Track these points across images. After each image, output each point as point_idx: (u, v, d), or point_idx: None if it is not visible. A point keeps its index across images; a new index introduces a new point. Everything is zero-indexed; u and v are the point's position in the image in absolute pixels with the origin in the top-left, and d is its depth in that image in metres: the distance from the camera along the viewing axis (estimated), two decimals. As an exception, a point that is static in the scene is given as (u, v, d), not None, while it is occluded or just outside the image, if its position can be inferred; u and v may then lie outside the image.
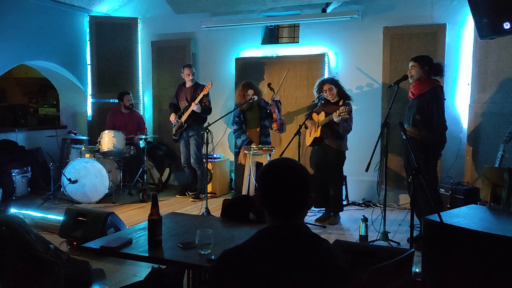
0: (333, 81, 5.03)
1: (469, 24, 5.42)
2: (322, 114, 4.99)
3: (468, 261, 2.66)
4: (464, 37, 5.53)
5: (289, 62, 6.36)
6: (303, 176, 1.48)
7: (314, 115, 5.11)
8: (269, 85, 5.76)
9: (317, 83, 5.17)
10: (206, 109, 6.07)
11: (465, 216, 3.07)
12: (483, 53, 5.22)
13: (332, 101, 5.02)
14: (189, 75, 6.14)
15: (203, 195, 5.68)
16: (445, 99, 4.44)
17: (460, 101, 5.57)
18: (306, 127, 5.15)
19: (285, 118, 6.26)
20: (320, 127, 4.95)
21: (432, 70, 4.39)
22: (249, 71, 6.47)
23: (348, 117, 4.65)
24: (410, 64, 4.42)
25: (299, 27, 6.54)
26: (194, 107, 5.87)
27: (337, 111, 4.62)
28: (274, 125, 5.50)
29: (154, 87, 7.29)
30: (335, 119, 4.71)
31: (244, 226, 2.70)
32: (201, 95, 5.87)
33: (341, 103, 4.94)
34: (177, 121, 6.19)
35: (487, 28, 3.09)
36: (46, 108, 9.43)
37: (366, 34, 6.00)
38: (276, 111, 5.51)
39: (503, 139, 4.61)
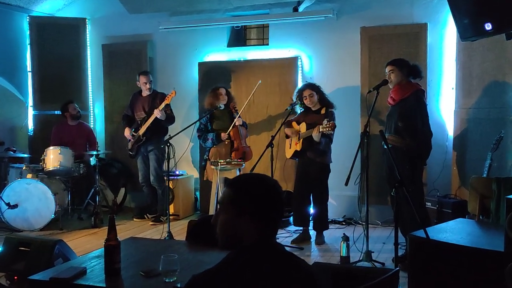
0: (314, 87, 5.15)
1: (451, 23, 5.65)
2: (303, 125, 5.10)
3: (456, 278, 2.79)
4: (447, 37, 5.78)
5: (258, 67, 6.47)
6: (274, 190, 1.56)
7: (294, 124, 5.21)
8: (233, 106, 5.81)
9: (296, 90, 5.28)
10: (170, 117, 6.09)
11: (452, 231, 3.21)
12: (467, 54, 5.47)
13: (313, 109, 5.14)
14: (146, 83, 6.14)
15: (165, 218, 5.67)
16: (426, 104, 4.64)
17: (445, 107, 5.80)
18: (286, 137, 5.25)
19: (256, 129, 6.35)
20: (301, 140, 5.06)
21: (411, 72, 4.58)
22: (214, 77, 6.53)
23: (332, 133, 4.78)
24: (387, 69, 4.58)
25: (268, 28, 6.67)
26: (158, 114, 5.86)
27: (319, 127, 4.74)
28: (234, 155, 5.55)
29: (106, 97, 7.25)
30: (315, 138, 4.82)
31: (213, 249, 2.73)
32: (163, 104, 5.88)
33: (323, 111, 5.07)
34: (132, 135, 6.17)
35: (468, 29, 3.27)
36: (-22, 123, 9.19)
37: (342, 35, 6.19)
38: (240, 136, 5.57)
39: (490, 147, 4.82)
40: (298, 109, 5.32)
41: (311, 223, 5.31)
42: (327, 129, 4.68)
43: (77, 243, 5.17)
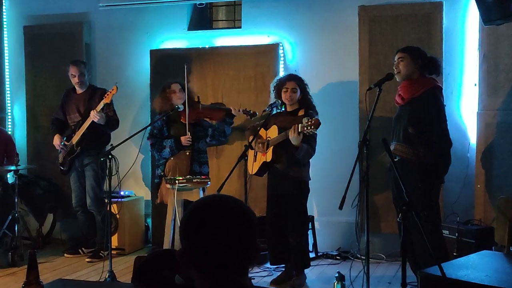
0: (301, 82, 5.15)
1: (473, 3, 5.74)
2: (274, 128, 5.09)
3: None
4: (467, 20, 5.86)
5: (228, 56, 6.49)
6: (245, 217, 1.57)
7: (262, 132, 5.20)
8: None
9: (277, 78, 5.28)
10: (113, 121, 6.05)
11: (475, 267, 3.24)
12: (492, 42, 5.56)
13: (288, 109, 5.15)
14: (74, 76, 6.10)
15: (106, 253, 5.60)
16: (444, 105, 4.69)
17: (465, 108, 5.88)
18: (251, 148, 5.23)
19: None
20: (271, 148, 5.04)
21: (427, 65, 4.63)
22: (171, 69, 6.49)
23: (315, 132, 4.76)
24: (397, 56, 4.64)
25: (241, 6, 6.68)
26: (95, 116, 5.80)
27: (296, 126, 4.70)
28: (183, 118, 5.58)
29: (29, 94, 7.18)
30: (295, 142, 4.76)
31: (167, 294, 2.71)
32: (101, 104, 5.83)
33: (301, 112, 5.06)
34: (64, 145, 6.10)
35: (492, 11, 3.34)
36: None
37: (335, 16, 6.23)
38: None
39: (523, 159, 4.91)
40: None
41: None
42: (309, 127, 4.62)
43: (-11, 287, 5.10)
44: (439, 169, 4.56)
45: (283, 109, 5.22)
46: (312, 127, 4.61)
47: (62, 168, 6.23)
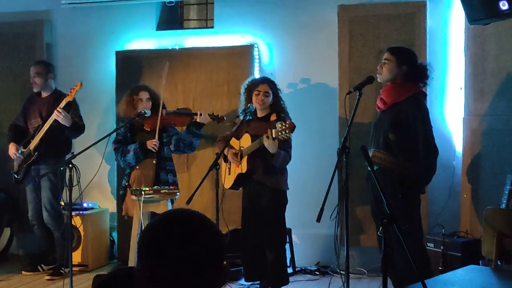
0: (274, 86, 5.15)
1: (458, 1, 5.78)
2: (246, 137, 5.05)
3: None
4: (452, 20, 5.92)
5: (199, 58, 6.48)
6: (212, 237, 1.56)
7: (234, 141, 5.15)
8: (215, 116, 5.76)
9: (249, 80, 5.26)
10: (78, 126, 5.99)
11: (461, 283, 3.22)
12: (479, 43, 5.60)
13: (259, 115, 5.12)
14: (34, 77, 6.06)
15: (67, 270, 5.52)
16: (428, 111, 4.69)
17: (451, 113, 5.91)
18: (225, 160, 5.19)
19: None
20: (245, 158, 4.99)
21: (412, 73, 4.62)
22: (139, 71, 6.50)
23: (290, 137, 4.73)
24: (385, 56, 4.64)
25: (213, 4, 6.68)
26: (59, 115, 5.70)
27: (270, 132, 4.66)
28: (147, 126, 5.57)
29: (-16, 98, 7.07)
30: (271, 149, 4.69)
31: (128, 317, 2.64)
32: (63, 102, 5.75)
33: (273, 117, 5.04)
34: (20, 153, 6.00)
35: (478, 10, 3.34)
36: None
37: (313, 15, 6.24)
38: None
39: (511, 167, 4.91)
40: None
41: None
42: (284, 132, 4.58)
43: None
44: (422, 179, 4.55)
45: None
46: (287, 131, 4.59)
47: (16, 177, 6.15)
